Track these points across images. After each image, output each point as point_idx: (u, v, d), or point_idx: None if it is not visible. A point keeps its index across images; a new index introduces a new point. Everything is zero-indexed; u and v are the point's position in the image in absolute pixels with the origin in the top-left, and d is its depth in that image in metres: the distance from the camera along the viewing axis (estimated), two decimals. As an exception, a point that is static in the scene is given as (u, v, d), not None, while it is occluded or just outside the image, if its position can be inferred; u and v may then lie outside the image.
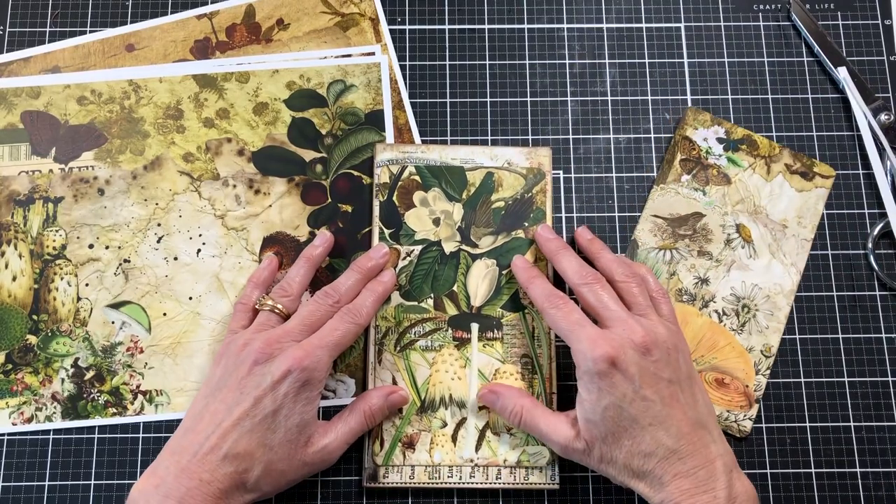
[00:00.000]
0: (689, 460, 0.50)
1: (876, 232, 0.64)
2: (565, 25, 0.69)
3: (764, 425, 0.61)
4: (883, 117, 0.66)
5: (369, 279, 0.60)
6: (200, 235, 0.64)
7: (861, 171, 0.66)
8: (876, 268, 0.64)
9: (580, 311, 0.55)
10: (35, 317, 0.62)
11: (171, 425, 0.61)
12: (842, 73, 0.67)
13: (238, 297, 0.61)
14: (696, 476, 0.50)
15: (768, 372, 0.61)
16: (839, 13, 0.70)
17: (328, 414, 0.61)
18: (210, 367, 0.57)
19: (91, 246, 0.63)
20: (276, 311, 0.57)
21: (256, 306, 0.59)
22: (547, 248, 0.60)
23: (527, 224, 0.63)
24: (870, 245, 0.64)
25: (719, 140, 0.66)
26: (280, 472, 0.53)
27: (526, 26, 0.69)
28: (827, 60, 0.67)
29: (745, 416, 0.60)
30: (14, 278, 0.63)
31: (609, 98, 0.68)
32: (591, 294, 0.55)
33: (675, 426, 0.51)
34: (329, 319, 0.57)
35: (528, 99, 0.67)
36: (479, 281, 0.62)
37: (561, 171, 0.66)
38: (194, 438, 0.52)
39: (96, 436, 0.60)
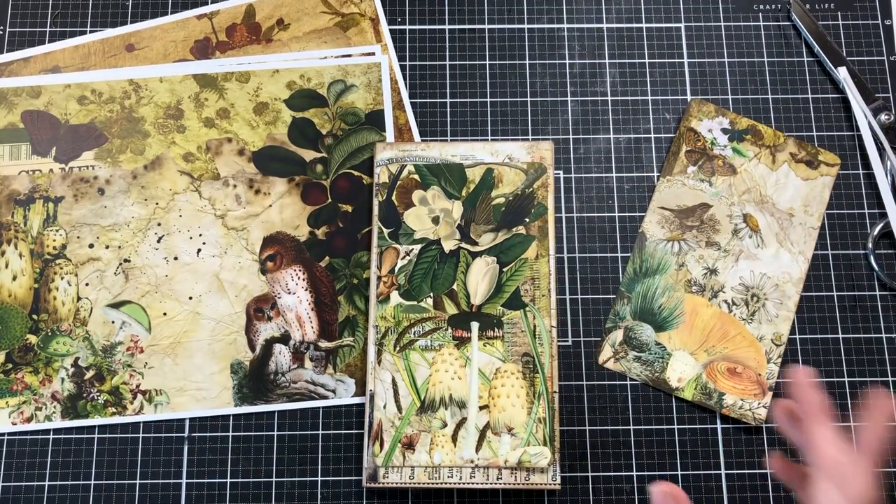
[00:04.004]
0: None
1: (876, 232, 0.64)
2: (565, 25, 0.69)
3: (764, 425, 0.61)
4: (883, 117, 0.66)
5: None
6: (200, 235, 0.64)
7: (861, 171, 0.66)
8: (876, 268, 0.64)
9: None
10: (35, 316, 0.62)
11: (170, 425, 0.61)
12: (842, 73, 0.67)
13: None
14: None
15: (780, 360, 0.62)
16: (839, 13, 0.70)
17: (328, 414, 0.61)
18: None
19: (91, 245, 0.63)
20: None
21: None
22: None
23: (528, 220, 0.63)
24: (870, 245, 0.64)
25: (724, 130, 0.66)
26: None
27: (526, 26, 0.69)
28: (827, 60, 0.68)
29: (759, 403, 0.61)
30: (14, 278, 0.63)
31: (609, 98, 0.68)
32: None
33: None
34: None
35: (529, 99, 0.67)
36: (479, 279, 0.62)
37: (561, 171, 0.66)
38: None
39: (96, 435, 0.60)
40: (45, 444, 0.60)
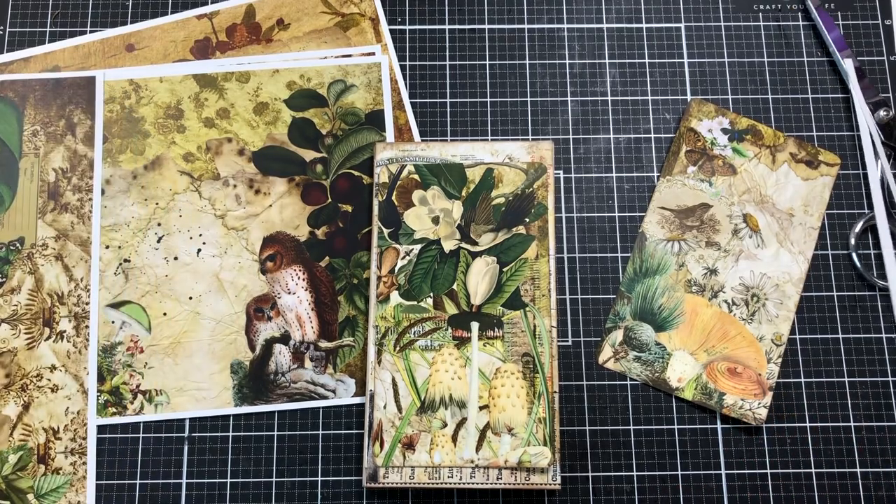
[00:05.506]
0: None
1: (858, 228, 0.64)
2: (565, 25, 0.69)
3: (764, 425, 0.61)
4: (882, 113, 0.66)
5: None
6: (200, 235, 0.64)
7: (861, 172, 0.66)
8: (859, 266, 0.64)
9: None
10: (35, 316, 0.62)
11: (170, 425, 0.61)
12: (847, 65, 0.67)
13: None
14: None
15: (780, 360, 0.62)
16: (839, 13, 0.70)
17: (328, 414, 0.61)
18: None
19: (91, 246, 0.63)
20: None
21: None
22: None
23: (528, 220, 0.63)
24: (852, 241, 0.64)
25: (724, 131, 0.66)
26: None
27: (526, 26, 0.69)
28: (836, 50, 0.67)
29: (759, 403, 0.61)
30: (14, 278, 0.63)
31: (609, 98, 0.68)
32: None
33: None
34: None
35: (529, 99, 0.67)
36: (479, 279, 0.62)
37: (561, 171, 0.66)
38: None
39: (96, 435, 0.60)
40: (45, 444, 0.60)
